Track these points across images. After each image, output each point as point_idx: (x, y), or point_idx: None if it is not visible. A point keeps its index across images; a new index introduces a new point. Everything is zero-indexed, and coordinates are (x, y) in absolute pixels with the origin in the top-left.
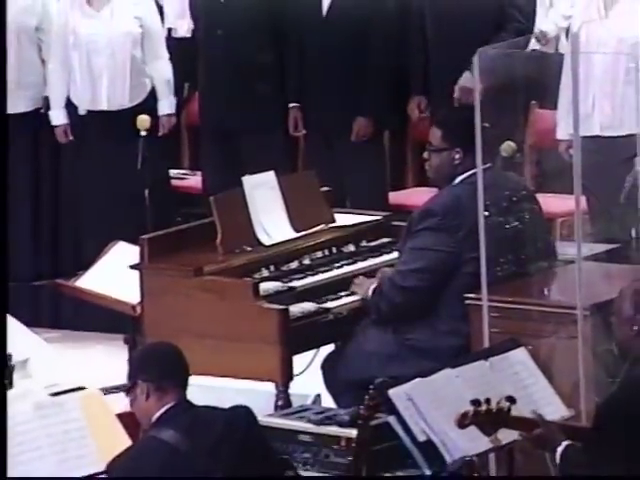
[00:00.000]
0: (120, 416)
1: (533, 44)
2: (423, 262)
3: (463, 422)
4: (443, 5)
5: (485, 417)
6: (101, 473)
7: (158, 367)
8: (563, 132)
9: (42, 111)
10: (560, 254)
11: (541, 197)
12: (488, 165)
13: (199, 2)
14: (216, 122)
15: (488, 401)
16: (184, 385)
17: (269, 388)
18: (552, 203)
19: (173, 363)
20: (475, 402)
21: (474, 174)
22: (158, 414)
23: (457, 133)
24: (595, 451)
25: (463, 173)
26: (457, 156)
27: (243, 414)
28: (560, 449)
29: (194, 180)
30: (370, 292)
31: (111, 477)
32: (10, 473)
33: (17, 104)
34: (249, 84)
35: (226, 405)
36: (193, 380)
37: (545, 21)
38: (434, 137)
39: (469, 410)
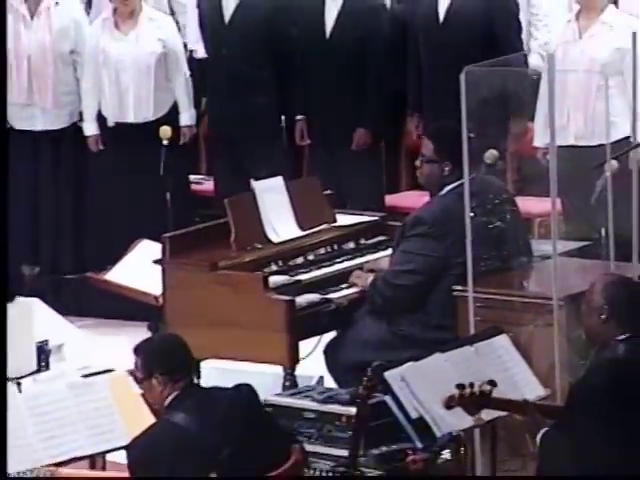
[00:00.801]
0: (144, 395)
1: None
2: (412, 265)
3: (449, 404)
4: (435, 32)
5: (469, 399)
6: (126, 447)
7: (171, 361)
8: (540, 140)
9: (78, 123)
10: (537, 251)
11: (521, 199)
12: (473, 175)
13: (207, 25)
14: (221, 132)
15: (472, 385)
16: (191, 372)
17: (277, 370)
18: (531, 205)
19: (182, 355)
20: (460, 386)
21: (461, 185)
22: (170, 399)
23: (448, 148)
24: (568, 427)
25: (452, 183)
26: (447, 168)
27: (245, 391)
28: (539, 435)
29: (210, 184)
30: (368, 283)
31: (132, 458)
32: (46, 446)
33: (55, 121)
34: (250, 99)
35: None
36: (210, 363)
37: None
38: (426, 148)
39: (455, 393)
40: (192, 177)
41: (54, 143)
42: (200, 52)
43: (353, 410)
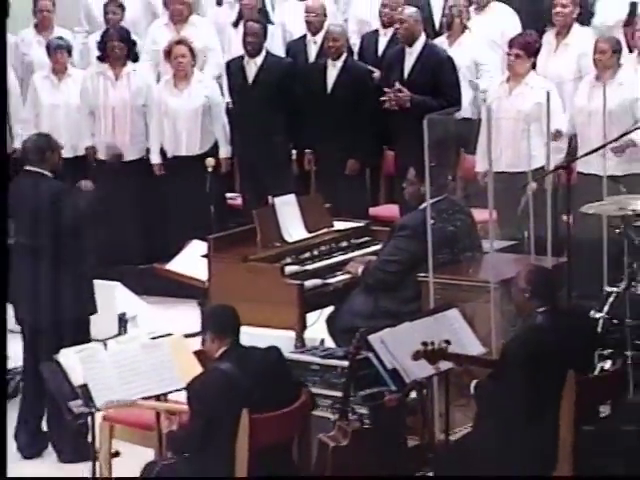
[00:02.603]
0: (195, 352)
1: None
2: (398, 257)
3: (416, 357)
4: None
5: (430, 353)
6: (183, 389)
7: (219, 324)
8: (481, 167)
9: (145, 156)
10: None
11: None
12: (445, 195)
13: (234, 84)
14: (247, 163)
15: (433, 343)
16: (237, 332)
17: (291, 334)
18: (474, 214)
19: (229, 321)
20: (424, 343)
21: (436, 202)
22: (219, 352)
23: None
24: (500, 375)
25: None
26: (423, 189)
27: (274, 351)
28: (472, 384)
29: (242, 200)
30: (360, 271)
31: (190, 394)
32: (124, 389)
33: (130, 154)
34: (267, 139)
35: (263, 346)
36: (242, 329)
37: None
38: (411, 175)
39: (420, 348)
40: (228, 195)
41: (129, 169)
42: None
43: (346, 363)
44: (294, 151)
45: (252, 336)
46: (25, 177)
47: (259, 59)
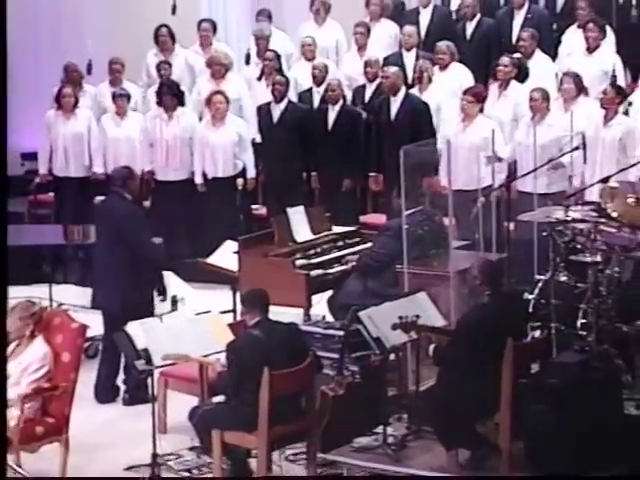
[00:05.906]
0: (228, 325)
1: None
2: (382, 250)
3: (395, 327)
4: (387, 126)
5: (405, 325)
6: (220, 351)
7: (250, 300)
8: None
9: (190, 179)
10: None
11: None
12: (421, 207)
13: (262, 123)
14: (272, 183)
15: (407, 317)
16: (266, 309)
17: (300, 311)
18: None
19: (258, 299)
20: (400, 317)
21: (413, 213)
22: (252, 322)
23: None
24: (455, 340)
25: (407, 210)
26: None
27: (294, 325)
28: (431, 348)
29: (263, 210)
30: (355, 259)
31: (228, 352)
32: (171, 350)
33: (179, 175)
34: (287, 164)
35: (282, 320)
36: None
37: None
38: (396, 191)
39: (397, 321)
40: (253, 206)
41: (179, 187)
42: (258, 139)
43: (341, 333)
44: (304, 173)
45: (270, 313)
46: (111, 195)
47: (282, 104)
